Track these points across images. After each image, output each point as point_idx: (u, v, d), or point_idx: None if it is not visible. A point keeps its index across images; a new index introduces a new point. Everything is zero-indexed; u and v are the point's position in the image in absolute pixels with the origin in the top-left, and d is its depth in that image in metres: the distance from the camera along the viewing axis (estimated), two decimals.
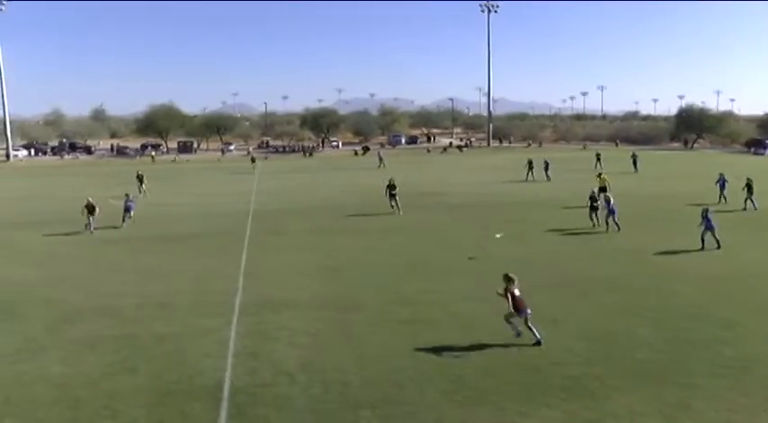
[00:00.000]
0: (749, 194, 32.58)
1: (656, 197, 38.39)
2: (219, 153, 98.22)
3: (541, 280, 19.14)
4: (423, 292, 18.37)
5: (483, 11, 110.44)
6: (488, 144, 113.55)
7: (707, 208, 23.75)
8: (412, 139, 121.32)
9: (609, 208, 27.03)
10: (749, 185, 32.66)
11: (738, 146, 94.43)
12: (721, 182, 35.33)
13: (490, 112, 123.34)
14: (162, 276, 20.94)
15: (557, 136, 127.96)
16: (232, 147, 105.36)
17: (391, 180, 34.32)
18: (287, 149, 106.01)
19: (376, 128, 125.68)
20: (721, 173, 36.03)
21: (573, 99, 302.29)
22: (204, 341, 14.66)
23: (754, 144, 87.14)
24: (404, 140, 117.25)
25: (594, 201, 28.16)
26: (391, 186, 33.86)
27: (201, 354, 13.86)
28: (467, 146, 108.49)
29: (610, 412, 10.81)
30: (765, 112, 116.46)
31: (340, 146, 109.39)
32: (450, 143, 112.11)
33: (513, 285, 14.15)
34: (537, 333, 13.99)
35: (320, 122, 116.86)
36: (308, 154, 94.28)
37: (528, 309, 14.03)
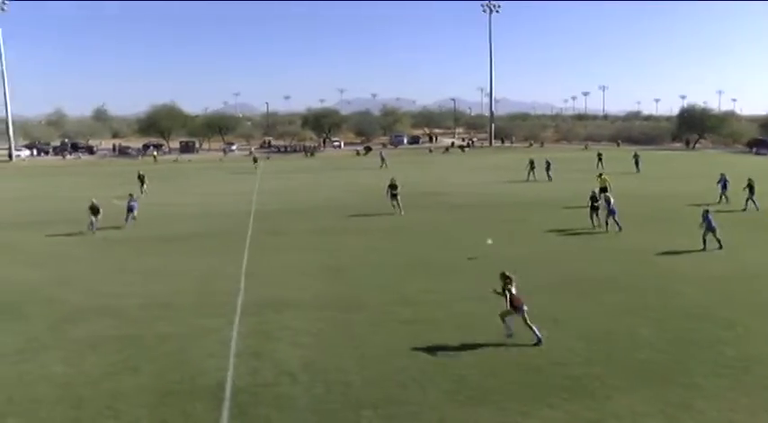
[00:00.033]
0: (750, 195, 32.54)
1: (658, 197, 38.36)
2: (221, 153, 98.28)
3: (543, 280, 19.18)
4: (424, 292, 18.39)
5: (485, 11, 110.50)
6: (490, 144, 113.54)
7: (707, 209, 23.74)
8: (414, 139, 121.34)
9: (609, 208, 27.03)
10: (750, 186, 32.62)
11: (740, 146, 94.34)
12: (722, 182, 35.32)
13: (492, 112, 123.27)
14: (164, 276, 20.97)
15: (558, 136, 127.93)
16: (234, 147, 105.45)
17: (393, 180, 34.32)
18: (288, 149, 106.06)
19: (378, 128, 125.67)
20: (722, 173, 36.03)
21: (575, 99, 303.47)
22: (206, 341, 14.68)
23: (756, 144, 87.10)
24: (406, 140, 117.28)
25: (595, 201, 28.14)
26: (393, 186, 33.85)
27: (204, 354, 13.88)
28: (469, 146, 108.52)
29: (611, 412, 10.82)
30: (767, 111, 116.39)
31: (342, 146, 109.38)
32: (453, 143, 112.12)
33: (510, 284, 14.19)
34: (537, 331, 14.00)
35: (322, 122, 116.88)
36: (309, 154, 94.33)
37: (525, 306, 14.07)
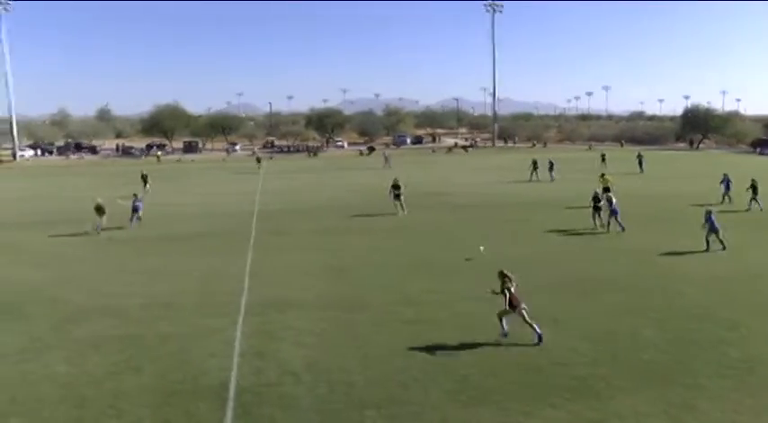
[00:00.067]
0: (754, 195, 32.46)
1: (661, 197, 38.29)
2: (224, 153, 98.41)
3: (545, 280, 19.18)
4: (427, 293, 18.39)
5: (488, 11, 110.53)
6: (493, 144, 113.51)
7: (710, 209, 23.62)
8: (417, 140, 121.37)
9: (611, 208, 26.97)
10: (754, 186, 32.54)
11: (744, 146, 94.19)
12: (725, 182, 35.23)
13: (495, 112, 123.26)
14: (167, 276, 20.99)
15: (562, 136, 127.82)
16: (237, 147, 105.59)
17: (396, 180, 34.32)
18: (291, 149, 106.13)
19: (381, 128, 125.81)
20: (725, 173, 35.94)
21: (578, 99, 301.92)
22: (209, 341, 14.69)
23: (760, 144, 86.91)
24: (409, 141, 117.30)
25: (597, 201, 28.06)
26: (396, 186, 33.86)
27: (207, 353, 13.89)
28: (472, 146, 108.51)
29: (614, 413, 10.80)
30: None
31: (345, 146, 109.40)
32: (456, 143, 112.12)
33: (509, 282, 14.18)
34: (537, 329, 14.02)
35: (325, 122, 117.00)
36: (312, 154, 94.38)
37: (523, 304, 14.07)
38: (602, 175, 39.14)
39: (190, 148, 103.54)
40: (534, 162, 51.12)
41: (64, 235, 28.92)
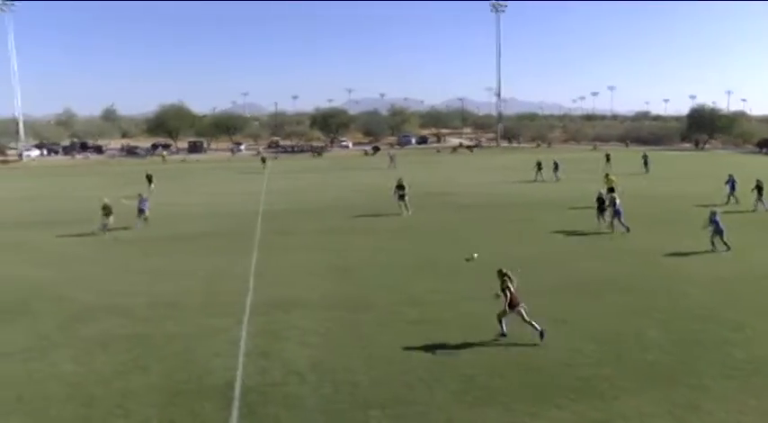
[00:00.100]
0: (759, 195, 32.39)
1: (666, 198, 38.23)
2: (229, 153, 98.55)
3: (550, 280, 19.20)
4: (432, 293, 18.42)
5: (493, 11, 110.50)
6: (498, 144, 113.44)
7: (714, 210, 23.52)
8: (422, 140, 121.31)
9: (615, 209, 26.92)
10: (759, 187, 32.47)
11: (750, 146, 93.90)
12: (731, 183, 35.13)
13: (500, 112, 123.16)
14: (172, 276, 21.05)
15: (566, 136, 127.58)
16: (242, 147, 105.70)
17: (400, 180, 34.32)
18: (296, 149, 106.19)
19: (386, 128, 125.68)
20: (730, 174, 35.86)
21: (583, 99, 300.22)
22: (215, 341, 14.75)
23: (766, 144, 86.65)
24: (414, 141, 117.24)
25: (602, 202, 28.02)
26: (400, 187, 33.86)
27: (212, 353, 13.95)
28: (476, 146, 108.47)
29: (619, 413, 10.82)
30: None
31: (350, 146, 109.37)
32: (461, 143, 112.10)
33: (509, 281, 14.20)
34: (537, 325, 14.08)
35: (330, 122, 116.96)
36: (317, 154, 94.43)
37: (522, 303, 14.12)
38: (607, 175, 39.11)
39: (195, 148, 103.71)
40: (539, 163, 51.09)
41: (70, 235, 29.02)
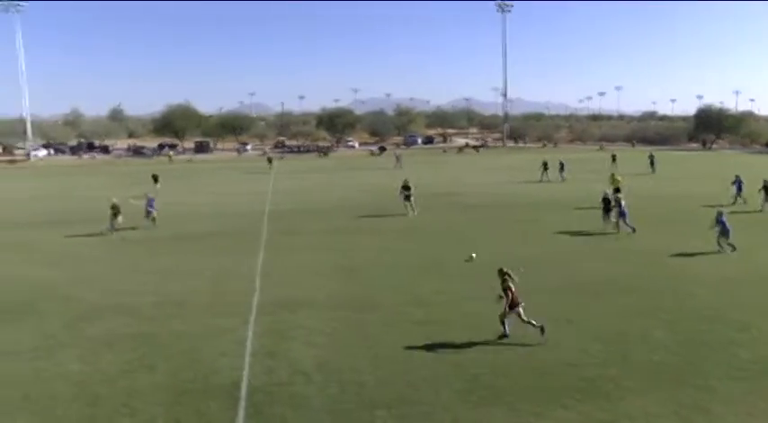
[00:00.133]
0: (766, 196, 32.24)
1: (673, 198, 38.12)
2: (236, 153, 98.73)
3: (555, 281, 19.18)
4: (437, 293, 18.40)
5: (499, 11, 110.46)
6: (504, 144, 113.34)
7: (721, 211, 23.42)
8: (428, 140, 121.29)
9: (620, 209, 26.84)
10: (766, 187, 32.33)
11: (758, 146, 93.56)
12: (737, 183, 34.97)
13: (506, 112, 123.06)
14: (179, 275, 21.10)
15: (572, 136, 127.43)
16: (248, 147, 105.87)
17: (406, 181, 34.32)
18: (302, 149, 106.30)
19: (392, 128, 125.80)
20: (737, 174, 35.71)
21: (590, 99, 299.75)
22: (221, 340, 14.78)
23: None
24: (420, 141, 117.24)
25: (607, 202, 27.92)
26: (406, 187, 33.86)
27: (218, 353, 13.97)
28: (482, 146, 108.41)
29: (624, 414, 10.79)
30: None
31: (356, 146, 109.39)
32: (466, 143, 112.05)
33: (510, 280, 14.18)
34: (535, 322, 14.15)
35: (336, 122, 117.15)
36: (323, 154, 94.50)
37: (523, 303, 14.18)
38: (612, 175, 39.04)
39: (201, 148, 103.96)
40: (545, 163, 51.01)
41: (77, 234, 29.11)
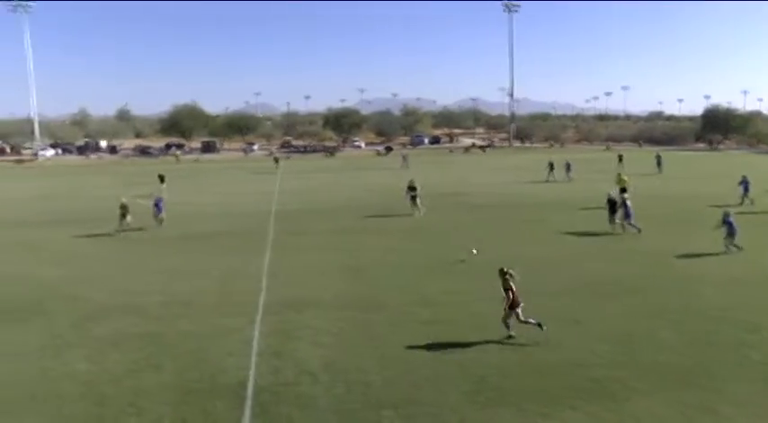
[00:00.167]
0: None
1: (679, 198, 37.99)
2: (242, 153, 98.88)
3: (562, 281, 19.13)
4: (443, 293, 18.39)
5: (506, 11, 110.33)
6: (510, 144, 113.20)
7: (728, 211, 23.30)
8: (434, 140, 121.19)
9: (625, 210, 26.73)
10: None
11: (765, 146, 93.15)
12: (744, 184, 34.80)
13: (513, 112, 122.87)
14: (186, 275, 21.15)
15: (579, 136, 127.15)
16: (255, 146, 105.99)
17: (411, 182, 34.32)
18: (309, 149, 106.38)
19: (398, 128, 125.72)
20: (744, 175, 35.54)
21: (596, 99, 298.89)
22: (228, 340, 14.81)
23: None
24: (426, 141, 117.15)
25: (613, 203, 27.78)
26: (412, 188, 33.85)
27: (225, 352, 14.00)
28: (489, 146, 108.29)
29: (631, 414, 10.77)
30: None
31: (363, 146, 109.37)
32: (473, 143, 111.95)
33: (511, 280, 14.17)
34: (533, 320, 14.24)
35: (342, 122, 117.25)
36: (329, 154, 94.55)
37: (522, 304, 14.22)
38: (619, 175, 38.91)
39: (208, 147, 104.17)
40: (551, 163, 50.90)
41: (84, 234, 29.21)
